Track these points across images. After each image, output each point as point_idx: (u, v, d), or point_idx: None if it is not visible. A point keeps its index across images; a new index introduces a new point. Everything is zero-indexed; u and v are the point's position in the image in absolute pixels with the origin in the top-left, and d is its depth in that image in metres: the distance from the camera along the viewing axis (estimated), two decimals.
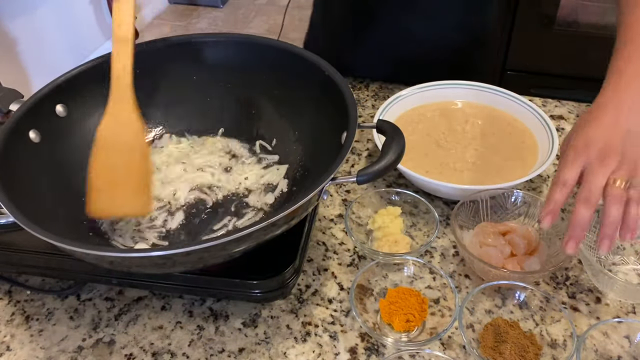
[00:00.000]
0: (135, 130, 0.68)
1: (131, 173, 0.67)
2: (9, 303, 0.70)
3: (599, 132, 0.63)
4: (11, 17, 2.27)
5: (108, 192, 0.66)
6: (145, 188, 0.67)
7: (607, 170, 0.61)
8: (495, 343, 0.61)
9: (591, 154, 0.62)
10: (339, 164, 0.57)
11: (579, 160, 0.63)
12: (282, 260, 0.64)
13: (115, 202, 0.66)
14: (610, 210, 0.60)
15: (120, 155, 0.67)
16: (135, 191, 0.67)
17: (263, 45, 0.76)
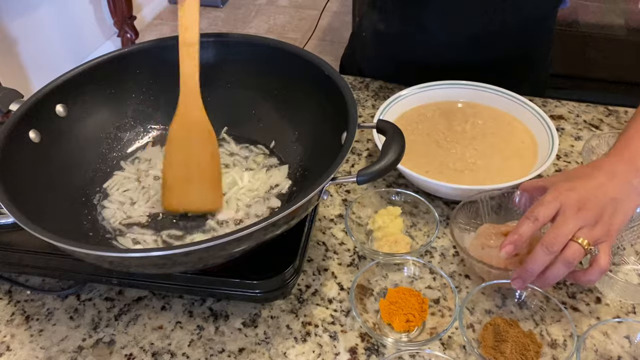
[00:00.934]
0: (205, 130, 0.71)
1: (202, 170, 0.71)
2: (9, 303, 0.70)
3: (587, 186, 0.63)
4: (11, 17, 2.27)
5: (181, 188, 0.70)
6: (216, 184, 0.71)
7: (579, 222, 0.60)
8: (495, 342, 0.61)
9: (571, 200, 0.61)
10: (339, 164, 0.57)
11: (557, 202, 0.62)
12: (282, 260, 0.64)
13: (188, 197, 0.70)
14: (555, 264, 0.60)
15: (192, 153, 0.71)
16: (207, 187, 0.70)
17: (263, 45, 0.76)
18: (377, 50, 1.08)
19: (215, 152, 0.71)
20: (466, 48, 0.97)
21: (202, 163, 0.71)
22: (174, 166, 0.70)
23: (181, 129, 0.71)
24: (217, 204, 0.70)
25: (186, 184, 0.70)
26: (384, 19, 1.02)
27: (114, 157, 0.77)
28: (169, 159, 0.71)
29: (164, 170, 0.71)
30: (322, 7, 1.10)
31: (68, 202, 0.69)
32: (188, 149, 0.71)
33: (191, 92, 0.70)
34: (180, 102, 0.71)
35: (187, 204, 0.70)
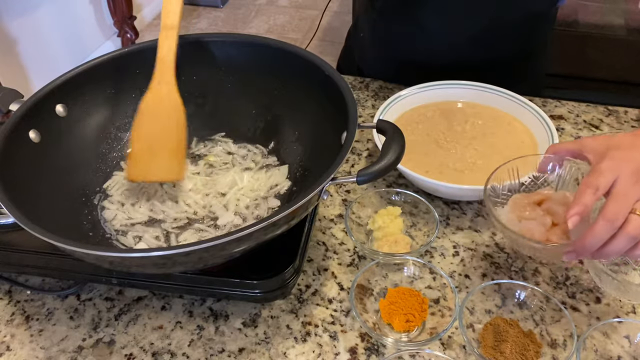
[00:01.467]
0: (174, 104, 0.73)
1: (167, 141, 0.73)
2: (9, 303, 0.70)
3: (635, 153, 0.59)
4: (11, 17, 2.27)
5: (146, 158, 0.72)
6: (179, 155, 0.73)
7: (638, 194, 0.57)
8: (495, 342, 0.61)
9: (628, 170, 0.58)
10: (339, 164, 0.57)
11: (615, 171, 0.59)
12: (282, 260, 0.64)
13: (152, 167, 0.72)
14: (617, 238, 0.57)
15: (159, 125, 0.73)
16: (171, 158, 0.72)
17: (263, 45, 0.76)
18: (376, 51, 1.08)
19: (182, 122, 0.73)
20: (465, 48, 0.98)
21: (167, 133, 0.73)
22: (141, 138, 0.72)
23: (152, 102, 0.73)
24: (180, 174, 0.73)
25: (150, 155, 0.72)
26: (383, 20, 1.02)
27: (114, 157, 0.77)
28: (137, 131, 0.73)
29: (132, 143, 0.73)
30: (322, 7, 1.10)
31: (68, 202, 0.69)
32: (156, 121, 0.73)
33: (166, 69, 0.73)
34: (154, 77, 0.73)
35: (150, 174, 0.72)
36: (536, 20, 0.98)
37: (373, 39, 1.07)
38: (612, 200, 0.57)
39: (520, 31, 0.97)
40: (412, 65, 1.02)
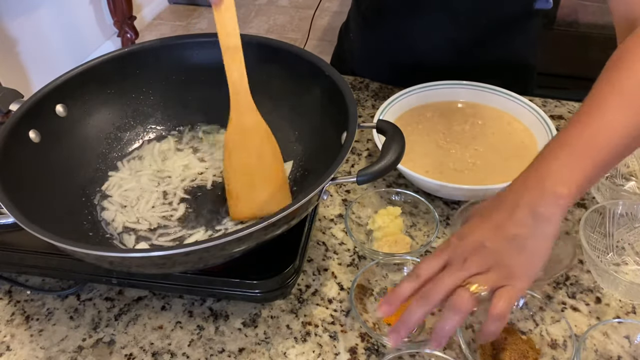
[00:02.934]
0: (261, 134, 0.70)
1: (266, 173, 0.69)
2: (9, 303, 0.70)
3: (482, 229, 0.56)
4: (11, 17, 2.27)
5: (248, 195, 0.68)
6: (281, 184, 0.70)
7: (464, 274, 0.54)
8: (494, 351, 0.61)
9: (459, 251, 0.55)
10: (339, 164, 0.57)
11: (445, 255, 0.56)
12: (282, 260, 0.64)
13: (256, 203, 0.68)
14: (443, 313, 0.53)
15: (252, 159, 0.69)
16: (273, 189, 0.69)
17: (263, 45, 0.76)
18: (364, 52, 1.09)
19: (276, 151, 0.70)
20: (448, 52, 0.99)
21: (264, 166, 0.70)
22: (237, 175, 0.69)
23: (237, 135, 0.70)
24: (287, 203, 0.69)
25: (252, 191, 0.68)
26: (367, 23, 1.04)
27: (114, 157, 0.77)
28: (229, 168, 0.69)
29: (227, 180, 0.69)
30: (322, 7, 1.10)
31: (68, 202, 0.69)
32: (248, 154, 0.69)
33: (242, 96, 0.69)
34: (232, 107, 0.70)
35: (257, 210, 0.68)
36: (518, 22, 0.99)
37: (360, 40, 1.08)
38: (432, 281, 0.55)
39: (503, 34, 0.98)
40: (398, 68, 1.03)
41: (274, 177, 0.69)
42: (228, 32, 0.67)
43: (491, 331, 0.53)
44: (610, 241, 0.73)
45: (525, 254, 0.54)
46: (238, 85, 0.69)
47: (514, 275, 0.53)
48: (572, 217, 0.79)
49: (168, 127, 0.81)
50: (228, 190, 0.69)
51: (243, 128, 0.70)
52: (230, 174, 0.69)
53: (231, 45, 0.67)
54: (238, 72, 0.68)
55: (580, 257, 0.73)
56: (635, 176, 0.83)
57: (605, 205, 0.72)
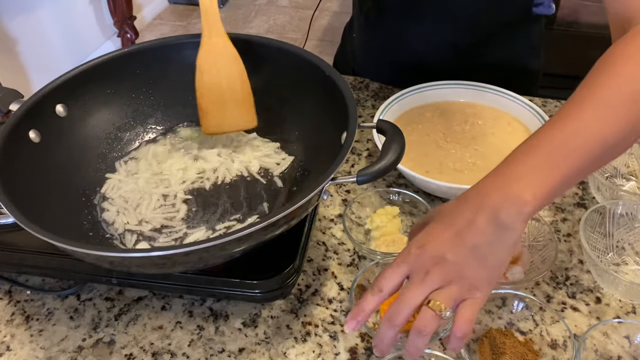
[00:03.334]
0: (230, 56, 0.74)
1: (234, 92, 0.75)
2: (9, 303, 0.70)
3: (441, 239, 0.54)
4: (11, 17, 2.27)
5: (216, 112, 0.75)
6: (248, 105, 0.75)
7: (426, 288, 0.53)
8: (493, 355, 0.61)
9: (419, 262, 0.54)
10: (339, 164, 0.57)
11: (405, 266, 0.54)
12: (282, 260, 0.64)
13: (224, 120, 0.75)
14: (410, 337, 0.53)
15: (221, 79, 0.74)
16: (240, 107, 0.75)
17: (263, 45, 0.76)
18: (366, 53, 1.09)
19: (243, 73, 0.74)
20: (449, 53, 0.99)
21: (232, 86, 0.74)
22: (207, 92, 0.74)
23: (207, 56, 0.74)
24: (252, 122, 0.76)
25: (221, 107, 0.75)
26: (369, 24, 1.04)
27: (114, 157, 0.77)
28: (200, 85, 0.74)
29: (198, 97, 0.74)
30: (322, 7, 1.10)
31: (68, 202, 0.69)
32: (217, 74, 0.74)
33: (212, 21, 0.73)
34: (204, 32, 0.73)
35: (225, 125, 0.76)
36: (517, 26, 0.99)
37: (363, 41, 1.08)
38: (396, 300, 0.54)
39: (502, 37, 0.98)
40: (398, 68, 1.03)
41: (240, 97, 0.75)
42: None
43: (455, 348, 0.53)
44: (610, 241, 0.73)
45: (486, 264, 0.53)
46: (209, 10, 0.73)
47: (475, 287, 0.53)
48: (572, 217, 0.79)
49: (168, 127, 0.81)
50: (199, 106, 0.75)
51: (214, 51, 0.74)
52: (202, 92, 0.74)
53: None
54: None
55: (580, 257, 0.73)
56: (635, 176, 0.83)
57: (605, 205, 0.72)
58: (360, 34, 1.09)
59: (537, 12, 0.97)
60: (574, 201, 0.81)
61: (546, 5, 0.97)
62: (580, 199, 0.82)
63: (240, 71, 0.74)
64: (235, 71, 0.74)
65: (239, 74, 0.74)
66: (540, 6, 0.96)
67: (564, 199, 0.82)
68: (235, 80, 0.74)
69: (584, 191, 0.83)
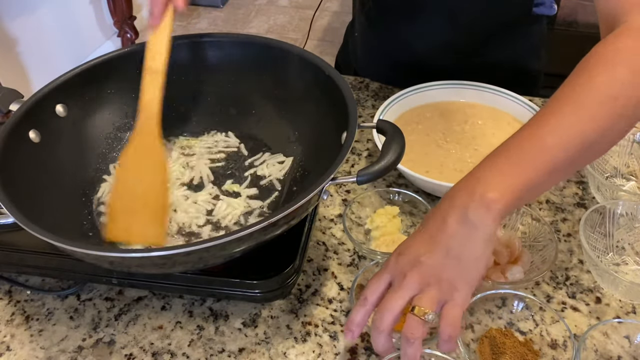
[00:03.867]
0: (158, 158, 0.69)
1: (149, 202, 0.67)
2: (9, 303, 0.70)
3: (417, 243, 0.56)
4: (11, 17, 2.27)
5: (127, 218, 0.66)
6: (162, 219, 0.67)
7: (408, 292, 0.54)
8: (493, 355, 0.61)
9: (399, 268, 0.55)
10: (339, 164, 0.57)
11: (386, 275, 0.56)
12: (282, 260, 0.64)
13: (131, 229, 0.66)
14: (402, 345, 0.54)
15: (141, 183, 0.68)
16: (152, 221, 0.67)
17: (263, 45, 0.76)
18: (367, 52, 1.09)
19: (165, 178, 0.69)
20: (451, 53, 0.99)
21: (150, 194, 0.68)
22: (122, 195, 0.68)
23: (133, 155, 0.69)
24: (160, 238, 0.66)
25: (132, 215, 0.67)
26: (371, 23, 1.04)
27: (114, 157, 0.77)
28: (117, 186, 0.69)
29: (111, 198, 0.68)
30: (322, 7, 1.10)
31: (68, 202, 0.69)
32: (138, 177, 0.68)
33: (151, 118, 0.69)
34: (138, 127, 0.69)
35: (131, 235, 0.66)
36: (518, 26, 0.99)
37: (364, 40, 1.08)
38: (379, 307, 0.55)
39: (502, 37, 0.98)
40: (398, 68, 1.03)
41: (155, 208, 0.67)
42: (154, 55, 0.69)
43: (446, 350, 0.55)
44: (610, 241, 0.73)
45: (461, 264, 0.54)
46: (148, 108, 0.69)
47: (454, 287, 0.54)
48: (572, 217, 0.79)
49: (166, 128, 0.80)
50: (109, 207, 0.68)
51: (141, 149, 0.69)
52: (117, 193, 0.68)
53: (154, 68, 0.68)
54: (152, 95, 0.68)
55: (580, 257, 0.73)
56: (635, 176, 0.83)
57: (605, 205, 0.72)
58: (361, 34, 1.09)
59: (538, 12, 0.97)
60: (574, 201, 0.81)
61: (547, 5, 0.96)
62: (580, 199, 0.82)
63: (162, 178, 0.69)
64: (159, 179, 0.68)
65: (160, 181, 0.68)
66: (541, 6, 0.96)
67: (564, 199, 0.82)
68: (156, 187, 0.68)
69: (584, 191, 0.83)
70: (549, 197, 0.82)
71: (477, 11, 0.93)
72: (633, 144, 0.83)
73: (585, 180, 0.84)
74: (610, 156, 0.83)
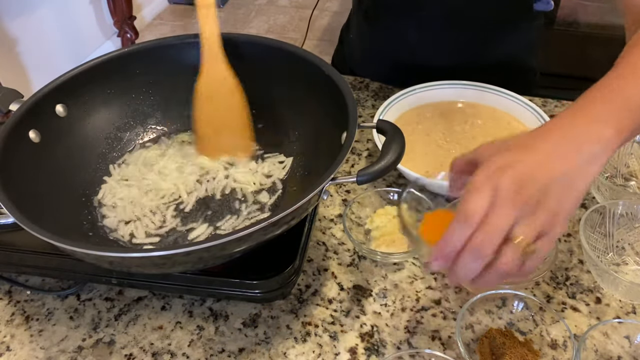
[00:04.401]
0: (231, 85, 0.74)
1: (231, 121, 0.76)
2: (9, 303, 0.70)
3: (527, 161, 0.50)
4: (11, 17, 2.27)
5: (213, 138, 0.76)
6: (245, 133, 0.76)
7: (514, 212, 0.48)
8: (493, 355, 0.61)
9: (505, 182, 0.48)
10: (339, 164, 0.57)
11: (489, 187, 0.48)
12: (282, 260, 0.64)
13: (220, 146, 0.76)
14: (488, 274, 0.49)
15: (220, 107, 0.75)
16: (237, 136, 0.76)
17: (263, 45, 0.76)
18: (364, 52, 1.09)
19: (241, 101, 0.75)
20: (448, 52, 0.99)
21: (229, 115, 0.75)
22: (204, 121, 0.75)
23: (207, 86, 0.74)
24: (247, 151, 0.76)
25: (217, 136, 0.75)
26: (368, 22, 1.04)
27: (114, 157, 0.77)
28: (199, 114, 0.75)
29: (196, 122, 0.75)
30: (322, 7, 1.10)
31: (68, 202, 0.69)
32: (216, 104, 0.75)
33: (213, 51, 0.73)
34: (205, 61, 0.73)
35: (219, 152, 0.76)
36: (517, 23, 0.99)
37: (362, 40, 1.08)
38: (481, 227, 0.48)
39: (502, 34, 0.98)
40: (399, 68, 1.03)
41: (238, 126, 0.76)
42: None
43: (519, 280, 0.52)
44: (610, 241, 0.73)
45: (570, 193, 0.50)
46: (210, 41, 0.73)
47: (557, 218, 0.49)
48: (572, 217, 0.79)
49: (168, 127, 0.81)
50: (195, 130, 0.76)
51: (214, 79, 0.74)
52: (200, 118, 0.75)
53: (205, 2, 0.72)
54: (210, 27, 0.72)
55: (580, 257, 0.73)
56: (635, 176, 0.83)
57: (605, 205, 0.72)
58: (359, 34, 1.09)
59: (537, 8, 0.97)
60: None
61: (544, 1, 0.97)
62: None
63: (239, 102, 0.75)
64: (235, 102, 0.75)
65: (238, 105, 0.75)
66: (539, 2, 0.96)
67: None
68: (234, 110, 0.75)
69: None
70: None
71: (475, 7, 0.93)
72: (633, 144, 0.83)
73: None
74: None
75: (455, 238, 0.49)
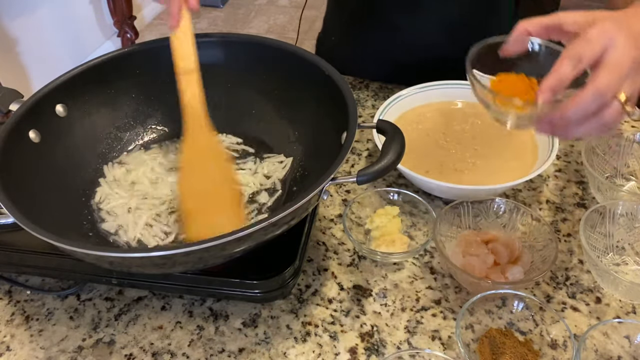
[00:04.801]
0: (217, 153, 0.70)
1: (221, 195, 0.68)
2: (9, 303, 0.70)
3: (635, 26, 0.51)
4: (11, 17, 2.27)
5: (202, 217, 0.67)
6: (236, 207, 0.68)
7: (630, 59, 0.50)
8: (493, 355, 0.61)
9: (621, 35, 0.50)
10: (339, 164, 0.57)
11: (605, 38, 0.50)
12: (282, 260, 0.64)
13: (212, 227, 0.64)
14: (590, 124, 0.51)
15: (206, 179, 0.69)
16: (229, 212, 0.68)
17: (263, 45, 0.76)
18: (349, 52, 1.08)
19: (232, 173, 0.70)
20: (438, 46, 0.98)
21: (218, 187, 0.69)
22: (191, 197, 0.68)
23: (192, 157, 0.69)
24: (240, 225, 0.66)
25: (208, 214, 0.67)
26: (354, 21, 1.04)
27: (114, 157, 0.77)
28: (184, 189, 0.69)
29: (182, 202, 0.68)
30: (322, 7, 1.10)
31: (68, 202, 0.69)
32: (202, 176, 0.69)
33: (197, 118, 0.69)
34: (186, 128, 0.70)
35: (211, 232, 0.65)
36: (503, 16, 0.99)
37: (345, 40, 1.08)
38: (605, 69, 0.50)
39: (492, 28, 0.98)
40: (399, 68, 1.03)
41: (229, 201, 0.68)
42: (182, 56, 0.69)
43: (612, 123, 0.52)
44: (610, 241, 0.73)
45: None
46: (192, 106, 0.69)
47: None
48: (572, 217, 0.79)
49: (167, 129, 0.81)
50: (183, 211, 0.68)
51: (198, 150, 0.69)
52: (185, 196, 0.68)
53: (187, 69, 0.69)
54: (192, 93, 0.69)
55: (580, 257, 0.73)
56: (635, 176, 0.83)
57: (605, 205, 0.72)
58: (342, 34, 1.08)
59: None
60: (574, 201, 0.81)
61: None
62: (580, 199, 0.82)
63: (228, 171, 0.70)
64: (224, 172, 0.69)
65: (226, 176, 0.69)
66: None
67: (564, 199, 0.82)
68: (222, 181, 0.69)
69: (584, 191, 0.83)
70: (549, 197, 0.82)
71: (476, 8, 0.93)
72: (633, 144, 0.83)
73: (585, 180, 0.84)
74: (610, 156, 0.83)
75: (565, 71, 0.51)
